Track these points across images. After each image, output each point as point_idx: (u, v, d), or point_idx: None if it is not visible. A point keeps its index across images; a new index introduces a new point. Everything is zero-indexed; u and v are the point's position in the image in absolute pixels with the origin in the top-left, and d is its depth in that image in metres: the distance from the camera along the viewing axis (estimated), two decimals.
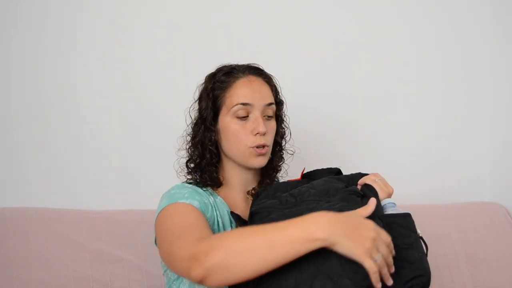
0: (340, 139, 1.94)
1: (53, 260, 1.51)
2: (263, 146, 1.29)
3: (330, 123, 1.93)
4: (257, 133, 1.27)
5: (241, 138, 1.28)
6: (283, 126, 1.41)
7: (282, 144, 1.41)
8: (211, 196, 1.32)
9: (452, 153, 2.06)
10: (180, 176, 1.38)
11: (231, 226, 1.30)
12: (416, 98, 2.03)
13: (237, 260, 1.00)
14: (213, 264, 1.01)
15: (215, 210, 1.29)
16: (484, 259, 1.84)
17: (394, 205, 1.17)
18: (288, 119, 1.43)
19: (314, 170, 1.32)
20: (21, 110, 1.68)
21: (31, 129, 1.68)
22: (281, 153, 1.40)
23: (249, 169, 1.33)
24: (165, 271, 1.31)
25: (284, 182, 1.30)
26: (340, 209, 1.06)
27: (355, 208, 1.07)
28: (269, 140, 1.31)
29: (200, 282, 1.04)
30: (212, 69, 1.37)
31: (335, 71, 1.95)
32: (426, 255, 1.12)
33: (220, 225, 1.28)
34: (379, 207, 1.14)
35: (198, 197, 1.25)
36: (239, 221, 1.20)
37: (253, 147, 1.28)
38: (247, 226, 1.17)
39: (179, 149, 1.38)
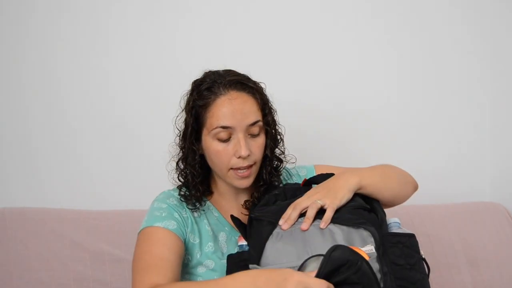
0: (337, 139, 1.93)
1: (53, 260, 1.51)
2: (248, 167, 1.24)
3: (327, 123, 1.93)
4: (240, 156, 1.22)
5: (223, 160, 1.23)
6: (276, 135, 1.33)
7: (276, 152, 1.34)
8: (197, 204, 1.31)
9: (452, 153, 2.06)
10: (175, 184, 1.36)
11: (225, 230, 1.29)
12: (415, 98, 2.03)
13: None
14: None
15: (202, 220, 1.29)
16: (484, 259, 1.84)
17: (399, 224, 1.17)
18: (283, 129, 1.36)
19: (315, 176, 1.30)
20: (20, 110, 1.68)
21: (30, 129, 1.69)
22: (273, 164, 1.34)
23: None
24: None
25: (283, 188, 1.27)
26: (347, 224, 1.08)
27: (362, 222, 1.08)
28: (255, 158, 1.25)
29: None
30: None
31: (331, 69, 1.94)
32: (428, 276, 1.12)
33: (210, 233, 1.28)
34: (384, 225, 1.15)
35: (177, 213, 1.26)
36: (239, 225, 1.20)
37: (234, 169, 1.24)
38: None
39: (171, 159, 1.34)
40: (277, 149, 1.35)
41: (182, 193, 1.30)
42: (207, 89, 1.24)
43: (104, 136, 1.74)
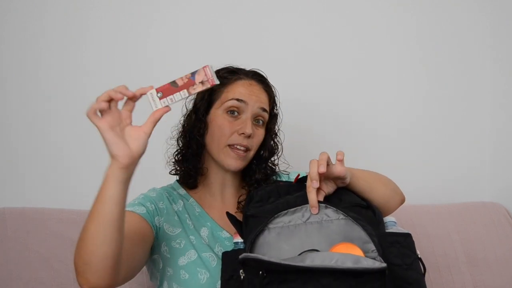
0: (336, 138, 1.94)
1: (53, 260, 1.51)
2: (245, 150, 1.27)
3: (325, 121, 1.93)
4: (243, 133, 1.26)
5: (225, 133, 1.27)
6: (275, 141, 1.38)
7: (273, 160, 1.37)
8: (180, 201, 1.32)
9: (452, 153, 2.06)
10: (168, 167, 1.38)
11: (207, 225, 1.30)
12: (414, 97, 2.03)
13: (85, 244, 1.02)
14: (79, 259, 1.01)
15: (183, 214, 1.29)
16: (484, 259, 1.84)
17: (395, 223, 1.18)
18: (283, 135, 1.40)
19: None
20: (20, 109, 1.68)
21: (30, 129, 1.69)
22: (267, 169, 1.36)
23: (227, 171, 1.31)
24: (150, 278, 1.32)
25: (275, 186, 1.26)
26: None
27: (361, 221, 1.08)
28: (253, 145, 1.29)
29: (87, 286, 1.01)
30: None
31: (330, 69, 1.94)
32: (424, 275, 1.12)
33: (191, 227, 1.28)
34: (381, 224, 1.15)
35: (151, 204, 1.26)
36: (235, 223, 1.18)
37: (231, 146, 1.27)
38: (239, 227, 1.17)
39: (170, 138, 1.38)
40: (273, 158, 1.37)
41: (179, 176, 1.34)
42: (229, 72, 1.32)
43: None
